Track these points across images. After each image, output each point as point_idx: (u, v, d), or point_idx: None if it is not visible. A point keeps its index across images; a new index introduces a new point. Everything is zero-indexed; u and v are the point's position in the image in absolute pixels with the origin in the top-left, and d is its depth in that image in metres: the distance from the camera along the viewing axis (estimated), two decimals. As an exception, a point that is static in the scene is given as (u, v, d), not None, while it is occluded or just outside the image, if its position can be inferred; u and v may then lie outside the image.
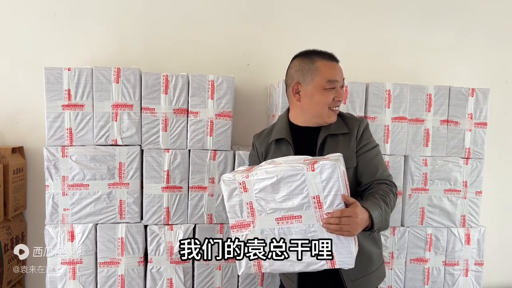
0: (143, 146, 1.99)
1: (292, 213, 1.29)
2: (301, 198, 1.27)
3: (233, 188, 1.35)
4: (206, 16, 2.40)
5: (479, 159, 2.17)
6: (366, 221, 1.26)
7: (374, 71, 2.47)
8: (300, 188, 1.26)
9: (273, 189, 1.29)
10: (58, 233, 1.94)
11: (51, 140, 1.93)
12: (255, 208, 1.33)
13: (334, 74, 1.47)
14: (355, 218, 1.21)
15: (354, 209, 1.22)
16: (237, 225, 1.37)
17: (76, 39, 2.31)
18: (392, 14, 2.54)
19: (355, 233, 1.24)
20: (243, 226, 1.37)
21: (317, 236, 1.27)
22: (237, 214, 1.36)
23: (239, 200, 1.35)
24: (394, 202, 1.42)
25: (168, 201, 2.00)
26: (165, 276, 2.00)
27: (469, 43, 2.60)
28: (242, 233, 1.36)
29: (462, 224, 2.17)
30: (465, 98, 2.16)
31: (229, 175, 1.37)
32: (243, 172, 1.35)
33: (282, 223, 1.31)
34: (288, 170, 1.27)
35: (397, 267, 2.14)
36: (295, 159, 1.35)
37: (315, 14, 2.48)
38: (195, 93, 2.00)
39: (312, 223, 1.27)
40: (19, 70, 2.30)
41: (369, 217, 1.26)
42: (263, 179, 1.30)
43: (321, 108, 1.48)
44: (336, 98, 1.48)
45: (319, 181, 1.24)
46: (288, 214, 1.29)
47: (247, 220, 1.36)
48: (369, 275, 1.49)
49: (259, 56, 2.42)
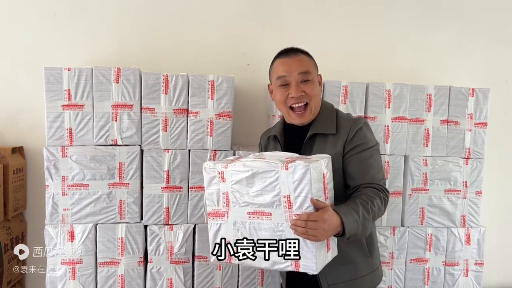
0: (143, 146, 1.99)
1: (263, 209, 1.27)
2: (273, 195, 1.24)
3: (212, 176, 1.37)
4: (206, 16, 2.40)
5: (479, 159, 2.17)
6: (337, 227, 1.18)
7: (374, 71, 2.47)
8: (273, 186, 1.24)
9: (247, 182, 1.28)
10: (58, 233, 1.94)
11: (51, 140, 1.93)
12: (230, 199, 1.34)
13: (282, 70, 1.41)
14: (321, 224, 1.14)
15: (322, 214, 1.16)
16: (213, 213, 1.38)
17: (76, 39, 2.31)
18: (392, 14, 2.54)
19: (321, 239, 1.18)
20: (218, 215, 1.38)
21: (285, 236, 1.24)
22: (213, 203, 1.37)
23: (217, 189, 1.36)
24: (380, 207, 1.32)
25: (168, 201, 2.00)
26: (165, 276, 2.00)
27: (469, 43, 2.60)
28: (217, 221, 1.37)
29: (462, 224, 2.17)
30: (465, 98, 2.16)
31: (210, 163, 1.38)
32: (225, 162, 1.36)
33: (253, 217, 1.30)
34: (264, 166, 1.25)
35: (397, 267, 2.14)
36: (281, 155, 1.33)
37: (315, 14, 2.48)
38: (195, 93, 2.00)
39: (281, 222, 1.25)
40: (19, 70, 2.30)
41: (341, 223, 1.19)
42: (239, 172, 1.29)
43: (281, 107, 1.47)
44: (290, 94, 1.41)
45: (291, 180, 1.20)
46: (260, 210, 1.28)
47: (222, 210, 1.37)
48: (350, 281, 1.42)
49: (259, 56, 2.42)
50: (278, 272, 1.86)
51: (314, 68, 1.48)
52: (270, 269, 1.30)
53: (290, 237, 1.23)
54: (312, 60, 1.48)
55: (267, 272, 2.07)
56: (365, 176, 1.37)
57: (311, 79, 1.43)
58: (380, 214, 1.33)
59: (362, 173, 1.37)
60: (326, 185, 1.26)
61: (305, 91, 1.41)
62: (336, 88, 2.08)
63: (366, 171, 1.37)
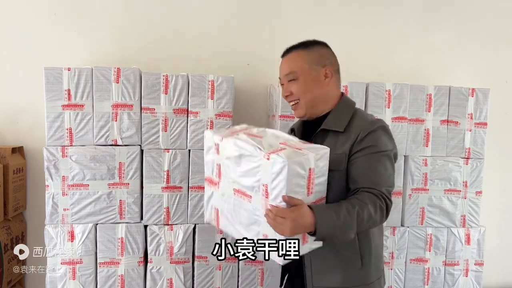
0: (143, 146, 1.99)
1: (245, 191, 1.28)
2: (254, 180, 1.24)
3: (209, 145, 1.41)
4: (206, 16, 2.40)
5: (479, 159, 2.17)
6: (310, 226, 1.14)
7: (374, 71, 2.47)
8: (255, 171, 1.23)
9: (235, 161, 1.30)
10: (58, 233, 1.94)
11: (51, 140, 1.94)
12: (222, 172, 1.36)
13: (279, 72, 1.47)
14: (288, 222, 1.12)
15: (291, 213, 1.12)
16: (208, 180, 1.46)
17: (76, 39, 2.31)
18: (392, 14, 2.54)
19: (288, 235, 1.14)
20: (212, 183, 1.42)
21: (260, 222, 1.25)
22: (209, 170, 1.42)
23: (212, 158, 1.40)
24: (372, 215, 1.20)
25: (168, 201, 2.00)
26: (165, 276, 2.00)
27: (469, 43, 2.60)
28: (211, 188, 1.44)
29: (462, 224, 2.17)
30: (465, 98, 2.16)
31: (210, 133, 1.42)
32: (223, 134, 1.37)
33: (237, 195, 1.31)
34: (251, 149, 1.24)
35: (397, 267, 2.14)
36: (280, 138, 1.31)
37: (315, 14, 2.47)
38: (195, 93, 2.00)
39: (258, 208, 1.24)
40: (19, 70, 2.29)
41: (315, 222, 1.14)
42: (230, 149, 1.30)
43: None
44: (282, 94, 1.48)
45: (270, 172, 1.17)
46: (243, 190, 1.29)
47: (215, 179, 1.40)
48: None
49: (259, 56, 2.42)
50: (278, 272, 1.85)
51: (306, 63, 1.40)
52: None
53: (264, 224, 1.22)
54: (307, 54, 1.43)
55: (267, 272, 2.07)
56: (366, 180, 1.27)
57: (296, 77, 1.41)
58: (371, 222, 1.22)
59: (364, 177, 1.28)
60: (311, 180, 1.21)
61: (292, 91, 1.42)
62: (336, 88, 2.08)
63: (368, 175, 1.27)
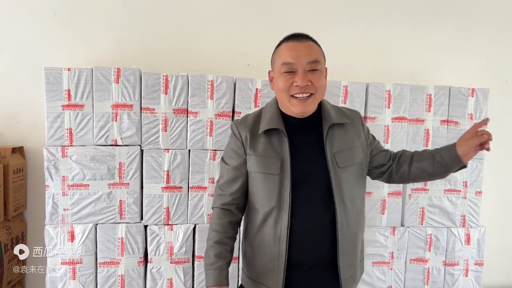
0: (143, 146, 1.99)
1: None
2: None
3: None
4: (206, 16, 2.40)
5: (479, 159, 2.17)
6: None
7: (374, 71, 2.46)
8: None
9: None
10: (58, 233, 1.94)
11: (51, 140, 1.94)
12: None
13: (289, 55, 1.28)
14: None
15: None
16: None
17: (76, 39, 2.31)
18: (392, 14, 2.53)
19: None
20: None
21: None
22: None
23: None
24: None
25: (168, 201, 2.00)
26: (165, 276, 2.00)
27: (469, 43, 2.60)
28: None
29: (462, 224, 2.17)
30: (465, 98, 2.16)
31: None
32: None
33: None
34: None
35: (397, 267, 2.14)
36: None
37: (315, 14, 2.47)
38: (195, 93, 2.00)
39: None
40: (19, 70, 2.29)
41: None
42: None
43: (281, 95, 1.32)
44: (295, 83, 1.28)
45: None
46: None
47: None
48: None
49: (259, 56, 2.41)
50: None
51: (323, 58, 1.35)
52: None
53: None
54: (321, 50, 1.36)
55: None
56: (387, 150, 1.54)
57: (319, 69, 1.31)
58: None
59: (385, 150, 1.54)
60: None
61: (312, 81, 1.28)
62: (336, 88, 2.08)
63: (386, 149, 1.55)
